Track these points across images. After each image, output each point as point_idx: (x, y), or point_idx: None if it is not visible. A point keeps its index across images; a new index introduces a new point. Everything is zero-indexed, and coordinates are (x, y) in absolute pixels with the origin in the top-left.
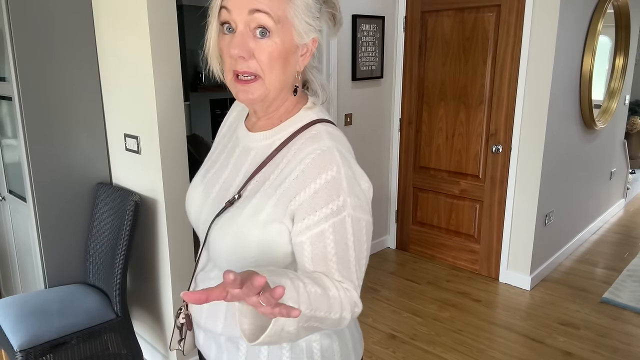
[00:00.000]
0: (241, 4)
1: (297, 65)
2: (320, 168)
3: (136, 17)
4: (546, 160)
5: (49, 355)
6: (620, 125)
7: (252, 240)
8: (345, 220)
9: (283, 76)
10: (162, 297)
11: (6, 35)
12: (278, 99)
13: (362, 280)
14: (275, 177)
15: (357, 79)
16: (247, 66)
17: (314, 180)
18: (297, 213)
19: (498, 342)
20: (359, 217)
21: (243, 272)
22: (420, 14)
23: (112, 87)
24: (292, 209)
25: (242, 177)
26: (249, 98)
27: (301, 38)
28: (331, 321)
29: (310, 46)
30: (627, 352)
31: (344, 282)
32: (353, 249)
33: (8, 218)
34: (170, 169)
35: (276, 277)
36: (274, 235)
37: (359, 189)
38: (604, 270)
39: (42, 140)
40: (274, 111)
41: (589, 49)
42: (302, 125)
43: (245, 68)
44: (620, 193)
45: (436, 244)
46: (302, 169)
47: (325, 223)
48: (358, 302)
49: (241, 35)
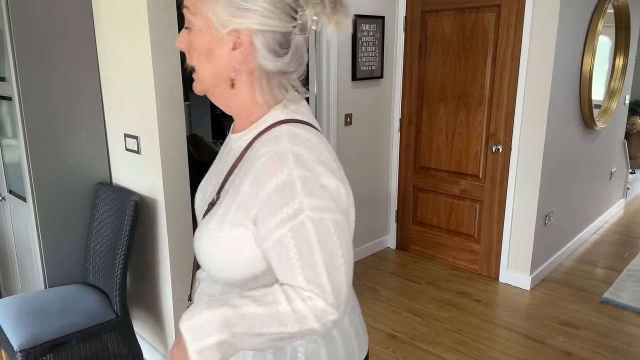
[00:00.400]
0: None
1: (233, 59)
2: (270, 172)
3: (136, 17)
4: (546, 160)
5: (49, 355)
6: (620, 125)
7: (221, 244)
8: (304, 222)
9: (212, 68)
10: (162, 297)
11: (6, 35)
12: (231, 98)
13: (343, 281)
14: (239, 180)
15: (357, 79)
16: (189, 59)
17: (264, 184)
18: (257, 218)
19: (498, 342)
20: (323, 217)
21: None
22: (420, 14)
23: (112, 87)
24: (252, 213)
25: (221, 179)
26: (196, 89)
27: (218, 29)
28: (292, 334)
29: (241, 39)
30: (627, 352)
31: (310, 288)
32: (319, 251)
33: (8, 218)
34: (170, 169)
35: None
36: (240, 239)
37: (321, 189)
38: (604, 270)
39: (42, 140)
40: (238, 112)
41: (589, 49)
42: (267, 126)
43: (188, 61)
44: (620, 193)
45: (436, 244)
46: (254, 173)
47: (282, 228)
48: (328, 309)
49: (183, 30)
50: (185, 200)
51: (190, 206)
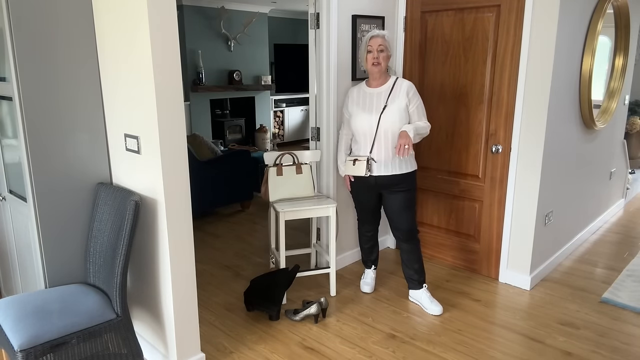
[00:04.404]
0: (375, 46)
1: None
2: (409, 86)
3: (136, 17)
4: (546, 161)
5: (49, 355)
6: (620, 125)
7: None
8: (420, 102)
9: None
10: (162, 297)
11: (6, 35)
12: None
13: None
14: (397, 94)
15: (357, 79)
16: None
17: (407, 92)
18: (409, 103)
19: (498, 342)
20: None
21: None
22: (420, 14)
23: (112, 87)
24: (405, 102)
25: (383, 99)
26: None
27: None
28: (425, 131)
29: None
30: (627, 352)
31: (425, 120)
32: (423, 112)
33: (8, 218)
34: (170, 169)
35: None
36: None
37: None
38: (604, 270)
39: (42, 140)
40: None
41: (589, 49)
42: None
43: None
44: (620, 193)
45: (436, 244)
46: (405, 89)
47: (416, 104)
48: (427, 126)
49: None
50: (185, 200)
51: (190, 206)
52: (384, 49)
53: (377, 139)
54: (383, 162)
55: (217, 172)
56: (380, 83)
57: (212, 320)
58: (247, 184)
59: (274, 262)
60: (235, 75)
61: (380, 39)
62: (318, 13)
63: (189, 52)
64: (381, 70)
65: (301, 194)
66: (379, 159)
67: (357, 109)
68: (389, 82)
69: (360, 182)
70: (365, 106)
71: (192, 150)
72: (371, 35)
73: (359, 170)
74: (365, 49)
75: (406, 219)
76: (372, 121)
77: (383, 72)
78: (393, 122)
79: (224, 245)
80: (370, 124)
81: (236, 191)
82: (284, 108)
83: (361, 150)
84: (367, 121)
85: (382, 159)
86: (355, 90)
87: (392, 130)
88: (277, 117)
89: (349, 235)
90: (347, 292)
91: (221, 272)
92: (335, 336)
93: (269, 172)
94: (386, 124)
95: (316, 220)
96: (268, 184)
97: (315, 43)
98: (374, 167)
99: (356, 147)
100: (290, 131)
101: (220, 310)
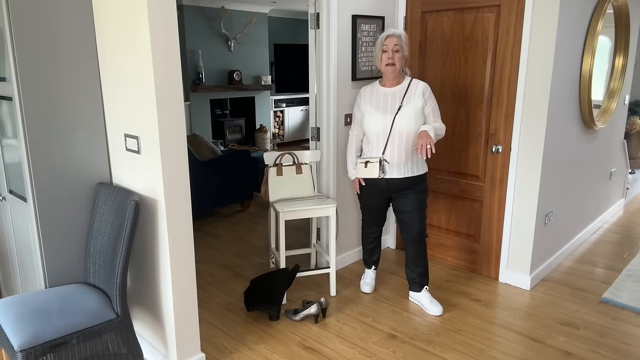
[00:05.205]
0: (390, 45)
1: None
2: (425, 88)
3: (136, 17)
4: (546, 160)
5: (49, 355)
6: (620, 125)
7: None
8: (435, 103)
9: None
10: (162, 297)
11: (6, 35)
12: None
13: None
14: (413, 95)
15: (357, 79)
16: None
17: (424, 93)
18: (425, 104)
19: (498, 342)
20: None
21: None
22: (420, 14)
23: (112, 87)
24: (421, 103)
25: (398, 99)
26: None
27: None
28: (442, 132)
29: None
30: (627, 352)
31: (440, 121)
32: (438, 113)
33: (8, 218)
34: (170, 169)
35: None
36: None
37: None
38: (604, 270)
39: (42, 140)
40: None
41: (589, 49)
42: (409, 82)
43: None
44: (620, 193)
45: (436, 244)
46: (421, 90)
47: (431, 106)
48: (443, 127)
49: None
50: (185, 200)
51: (190, 206)
52: (399, 49)
53: (391, 139)
54: (395, 164)
55: (217, 172)
56: (394, 83)
57: (212, 320)
58: (247, 184)
59: (274, 262)
60: (235, 75)
61: (397, 39)
62: (318, 13)
63: (189, 52)
64: (395, 70)
65: (301, 194)
66: (391, 160)
67: (370, 108)
68: (404, 83)
69: (370, 186)
70: (380, 106)
71: (192, 150)
72: (387, 34)
73: (371, 173)
74: (380, 48)
75: (418, 220)
76: (386, 121)
77: (397, 72)
78: (408, 123)
79: (224, 245)
80: (385, 124)
81: (236, 191)
82: (284, 108)
83: (373, 151)
84: (380, 121)
85: (394, 160)
86: (368, 89)
87: (406, 132)
88: (277, 117)
89: (349, 235)
90: (347, 292)
91: (221, 272)
92: (335, 336)
93: (269, 172)
94: (401, 125)
95: (316, 220)
96: (268, 184)
97: (315, 43)
98: (386, 168)
99: (368, 147)
100: (290, 131)
101: (220, 310)
